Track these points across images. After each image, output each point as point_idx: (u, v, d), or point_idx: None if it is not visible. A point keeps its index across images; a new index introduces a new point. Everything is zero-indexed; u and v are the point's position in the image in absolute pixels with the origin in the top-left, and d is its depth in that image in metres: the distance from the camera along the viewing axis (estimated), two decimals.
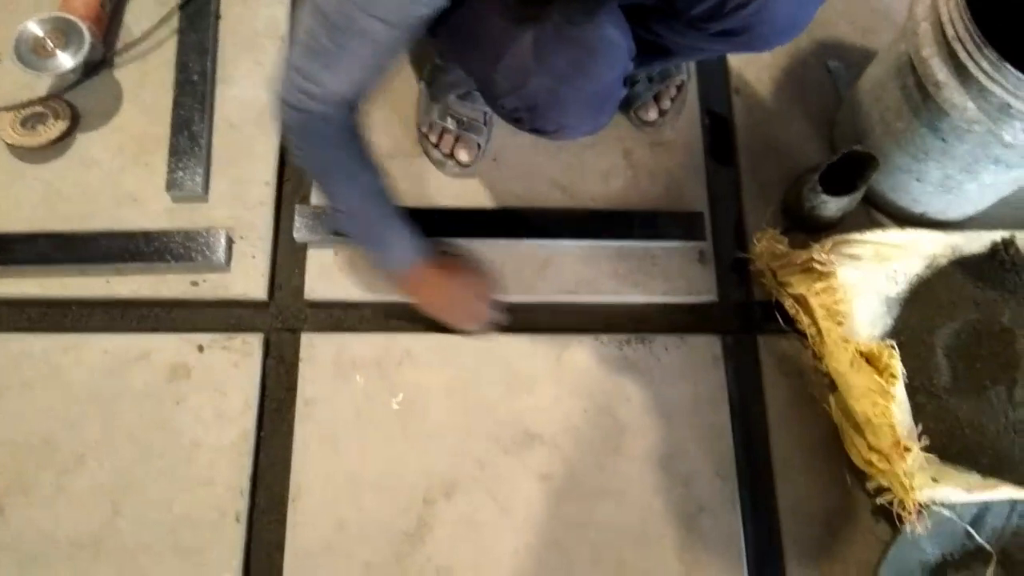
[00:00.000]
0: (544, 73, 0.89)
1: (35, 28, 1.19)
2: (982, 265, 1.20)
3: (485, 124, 1.24)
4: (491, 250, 1.22)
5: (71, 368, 1.13)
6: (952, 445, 1.10)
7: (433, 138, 1.23)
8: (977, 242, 1.20)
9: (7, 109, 1.21)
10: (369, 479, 1.10)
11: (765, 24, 0.95)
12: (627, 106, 1.29)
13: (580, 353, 1.18)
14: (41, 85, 1.24)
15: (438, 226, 1.20)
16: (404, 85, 1.29)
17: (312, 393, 1.14)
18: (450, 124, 1.22)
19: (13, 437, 1.09)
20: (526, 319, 1.20)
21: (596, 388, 1.17)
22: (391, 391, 1.14)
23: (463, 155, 1.23)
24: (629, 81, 0.99)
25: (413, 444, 1.12)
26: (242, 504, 1.08)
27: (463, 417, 1.14)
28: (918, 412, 1.06)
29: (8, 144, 1.20)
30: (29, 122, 1.21)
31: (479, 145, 1.24)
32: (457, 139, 1.22)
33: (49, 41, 1.19)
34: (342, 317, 1.19)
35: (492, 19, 0.91)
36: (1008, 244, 1.20)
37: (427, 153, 1.25)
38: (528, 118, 0.96)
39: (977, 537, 1.08)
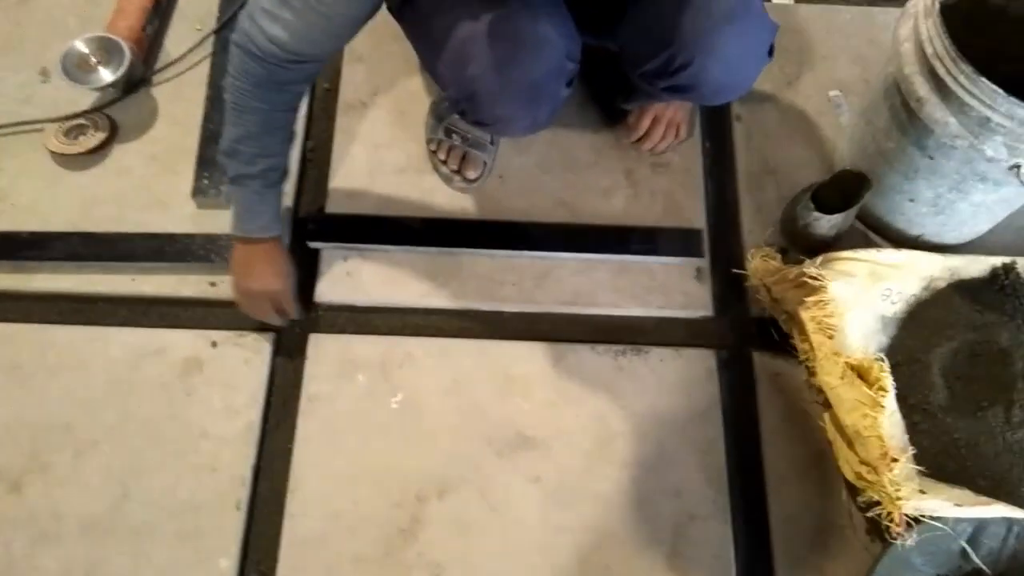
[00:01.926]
0: (479, 64, 0.95)
1: (81, 46, 1.30)
2: (981, 289, 1.21)
3: (492, 143, 1.30)
4: (494, 261, 1.27)
5: (93, 358, 1.20)
6: (949, 465, 1.10)
7: (441, 155, 1.30)
8: (976, 266, 1.21)
9: (53, 120, 1.31)
10: (366, 475, 1.14)
11: (705, 86, 1.04)
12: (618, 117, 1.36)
13: (575, 361, 1.22)
14: (85, 100, 1.34)
15: (444, 236, 1.27)
16: (415, 106, 1.37)
17: (316, 390, 1.19)
18: (456, 141, 1.28)
19: (35, 419, 1.16)
20: (524, 327, 1.25)
21: (590, 396, 1.20)
22: (391, 391, 1.19)
23: (470, 172, 1.29)
24: (571, 83, 1.05)
25: (410, 443, 1.16)
26: (243, 493, 1.13)
27: (459, 419, 1.18)
28: (913, 431, 1.07)
29: (52, 152, 1.30)
30: (72, 133, 1.31)
31: (485, 163, 1.30)
32: (464, 156, 1.29)
33: (93, 58, 1.30)
34: (348, 320, 1.24)
35: (441, 10, 0.98)
36: (1008, 270, 1.21)
37: (436, 169, 1.32)
38: (469, 108, 1.02)
39: (974, 557, 1.07)
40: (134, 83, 1.36)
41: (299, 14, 0.90)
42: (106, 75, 1.30)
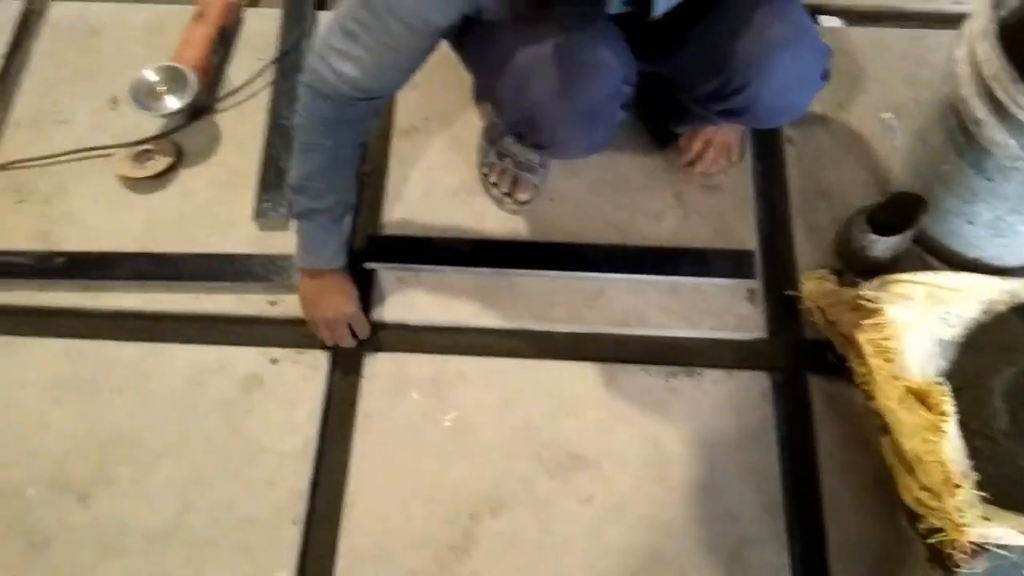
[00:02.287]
0: (538, 88, 0.98)
1: (150, 75, 1.36)
2: None
3: (542, 165, 1.32)
4: (545, 282, 1.28)
5: (157, 375, 1.24)
6: (1013, 492, 1.07)
7: (493, 178, 1.32)
8: None
9: (122, 146, 1.37)
10: (419, 491, 1.16)
11: (758, 108, 1.06)
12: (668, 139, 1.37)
13: (626, 382, 1.22)
14: (152, 126, 1.40)
15: (496, 257, 1.29)
16: (468, 131, 1.40)
17: (371, 407, 1.21)
18: (507, 164, 1.31)
19: (102, 433, 1.20)
20: (575, 348, 1.25)
21: (641, 417, 1.20)
22: (444, 409, 1.20)
23: (521, 194, 1.31)
24: (627, 106, 1.07)
25: (462, 461, 1.17)
26: (301, 508, 1.15)
27: (510, 438, 1.19)
28: (975, 457, 1.05)
29: (120, 176, 1.36)
30: (140, 158, 1.36)
31: (535, 185, 1.32)
32: (515, 179, 1.31)
33: (161, 87, 1.35)
34: (403, 338, 1.26)
35: (501, 39, 1.00)
36: None
37: (488, 192, 1.34)
38: (527, 131, 1.05)
39: None
40: (199, 110, 1.41)
41: (370, 51, 0.94)
42: (173, 103, 1.35)
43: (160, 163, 1.36)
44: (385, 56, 0.96)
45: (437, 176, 1.37)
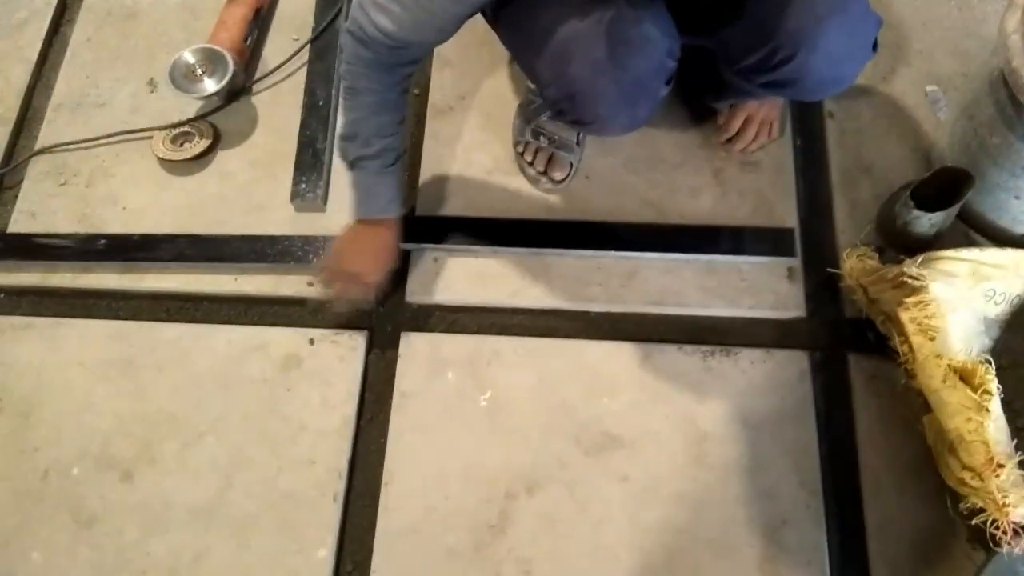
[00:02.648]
0: (582, 63, 0.96)
1: (188, 57, 1.37)
2: None
3: (578, 144, 1.31)
4: (580, 261, 1.28)
5: (198, 355, 1.26)
6: None
7: (528, 157, 1.31)
8: None
9: (161, 128, 1.39)
10: (456, 470, 1.16)
11: (807, 79, 1.03)
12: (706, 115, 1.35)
13: (663, 361, 1.21)
14: (190, 108, 1.42)
15: (531, 237, 1.28)
16: (502, 110, 1.39)
17: (408, 387, 1.22)
18: (543, 143, 1.30)
19: (145, 412, 1.23)
20: (611, 327, 1.25)
21: (678, 396, 1.19)
22: (480, 389, 1.21)
23: (556, 173, 1.30)
24: (670, 81, 1.06)
25: (498, 440, 1.18)
26: (340, 486, 1.16)
27: (546, 417, 1.19)
28: (1019, 437, 1.03)
29: (159, 158, 1.37)
30: (178, 140, 1.38)
31: (571, 164, 1.31)
32: (550, 157, 1.30)
33: (199, 69, 1.36)
34: (439, 318, 1.27)
35: (541, 13, 0.99)
36: None
37: (523, 171, 1.34)
38: (568, 108, 1.04)
39: None
40: (236, 92, 1.42)
41: (407, 8, 0.95)
42: (210, 85, 1.36)
43: (198, 145, 1.37)
44: (421, 16, 0.96)
45: (472, 155, 1.37)
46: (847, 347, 1.22)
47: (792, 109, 1.38)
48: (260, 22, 1.48)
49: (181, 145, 1.37)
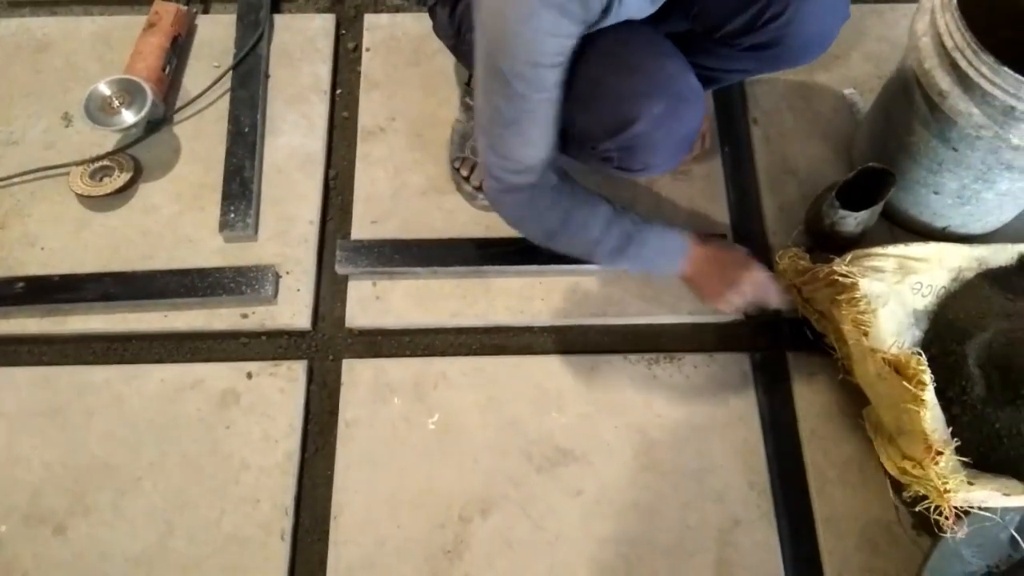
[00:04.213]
0: (644, 120, 0.97)
1: (104, 89, 1.32)
2: (1010, 277, 1.20)
3: None
4: (521, 278, 1.27)
5: (130, 396, 1.20)
6: (992, 456, 1.09)
7: (464, 172, 1.31)
8: (1003, 254, 1.21)
9: (78, 164, 1.33)
10: (407, 497, 1.14)
11: (794, 37, 1.05)
12: None
13: (609, 372, 1.22)
14: (108, 141, 1.36)
15: (470, 256, 1.27)
16: (433, 130, 1.38)
17: (353, 416, 1.19)
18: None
19: (76, 461, 1.17)
20: (556, 341, 1.25)
21: (626, 406, 1.20)
22: (427, 412, 1.19)
23: None
24: None
25: (449, 463, 1.16)
26: (287, 522, 1.13)
27: (497, 436, 1.18)
28: (953, 423, 1.06)
29: (78, 195, 1.32)
30: (97, 174, 1.33)
31: None
32: None
33: (116, 100, 1.31)
34: (380, 343, 1.25)
35: (589, 71, 0.98)
36: None
37: (459, 187, 1.33)
38: (618, 158, 1.05)
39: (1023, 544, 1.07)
40: (156, 123, 1.38)
41: (520, 126, 0.93)
42: (129, 116, 1.31)
43: (119, 179, 1.32)
44: (534, 115, 0.93)
45: (405, 176, 1.35)
46: (786, 346, 1.25)
47: (718, 117, 1.41)
48: (178, 50, 1.44)
49: (100, 180, 1.32)
